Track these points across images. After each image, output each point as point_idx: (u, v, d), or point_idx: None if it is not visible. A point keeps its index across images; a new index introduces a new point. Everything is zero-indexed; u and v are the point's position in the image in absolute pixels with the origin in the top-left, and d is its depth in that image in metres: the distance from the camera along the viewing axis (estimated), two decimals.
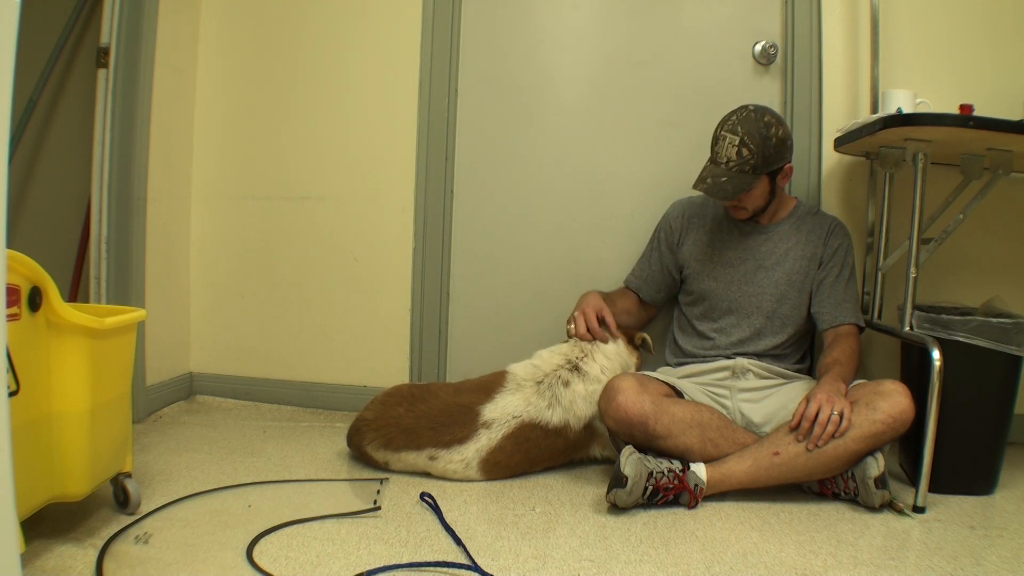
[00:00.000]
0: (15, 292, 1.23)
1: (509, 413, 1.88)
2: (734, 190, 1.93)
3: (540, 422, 1.89)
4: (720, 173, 1.94)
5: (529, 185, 2.52)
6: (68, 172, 2.74)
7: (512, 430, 1.87)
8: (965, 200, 2.03)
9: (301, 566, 1.36)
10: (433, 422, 1.88)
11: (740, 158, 1.91)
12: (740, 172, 1.92)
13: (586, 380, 1.95)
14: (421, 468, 1.90)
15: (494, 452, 1.86)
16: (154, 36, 2.35)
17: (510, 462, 1.88)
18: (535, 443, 1.89)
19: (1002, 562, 1.47)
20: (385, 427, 1.90)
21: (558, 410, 1.91)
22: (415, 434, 1.87)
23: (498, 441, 1.86)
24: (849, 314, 2.03)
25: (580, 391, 1.93)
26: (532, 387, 1.93)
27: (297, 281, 2.64)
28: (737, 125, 1.93)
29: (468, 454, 1.86)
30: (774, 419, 1.88)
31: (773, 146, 1.92)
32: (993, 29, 2.31)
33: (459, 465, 1.86)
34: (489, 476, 1.88)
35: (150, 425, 2.32)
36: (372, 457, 1.93)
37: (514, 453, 1.88)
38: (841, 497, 1.78)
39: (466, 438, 1.86)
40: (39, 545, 1.38)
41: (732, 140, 1.92)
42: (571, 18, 2.54)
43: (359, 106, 2.59)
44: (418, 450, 1.87)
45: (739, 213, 2.07)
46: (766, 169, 1.94)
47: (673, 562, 1.43)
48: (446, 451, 1.86)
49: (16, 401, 1.21)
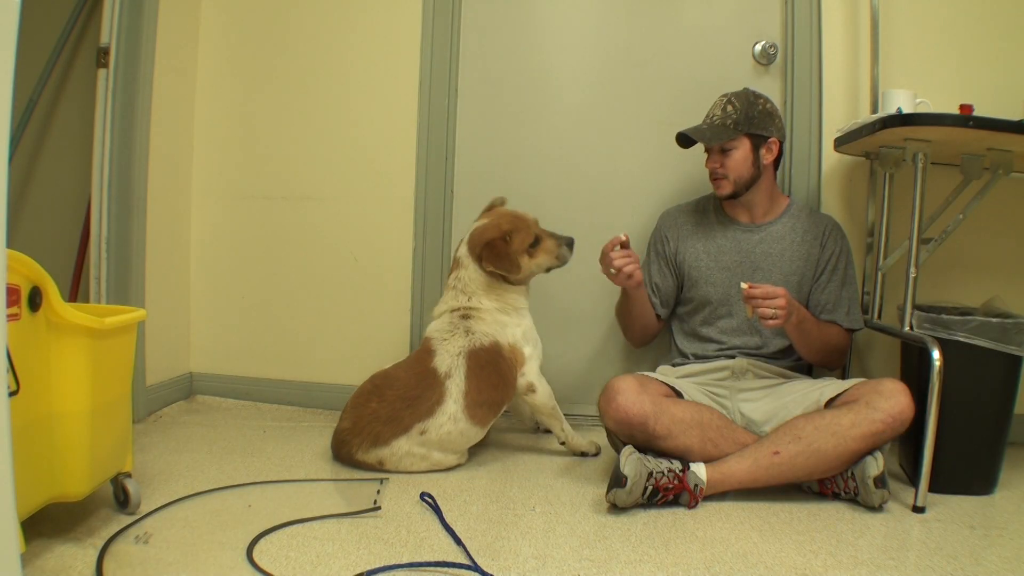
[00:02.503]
0: (15, 292, 1.23)
1: (454, 354, 1.97)
2: (713, 136, 2.02)
3: (476, 347, 1.99)
4: (704, 126, 2.06)
5: (529, 184, 2.52)
6: (68, 172, 2.74)
7: (467, 368, 1.96)
8: (965, 200, 2.03)
9: (301, 566, 1.36)
10: (407, 400, 1.92)
11: (724, 113, 2.04)
12: (723, 126, 2.03)
13: (474, 313, 2.05)
14: (417, 453, 1.91)
15: (468, 394, 1.93)
16: (154, 36, 2.35)
17: (482, 397, 1.95)
18: (487, 368, 1.98)
19: (1002, 562, 1.47)
20: (366, 427, 1.92)
21: (477, 333, 2.01)
22: (397, 419, 1.90)
23: (464, 383, 1.94)
24: (842, 316, 2.05)
25: (475, 320, 2.04)
26: (450, 332, 2.02)
27: (297, 281, 2.65)
28: (729, 95, 2.07)
29: (451, 408, 1.92)
30: (774, 418, 1.88)
31: (758, 111, 2.04)
32: (993, 29, 2.31)
33: (449, 423, 1.91)
34: (475, 418, 1.94)
35: (150, 425, 2.32)
36: (365, 462, 1.92)
37: (481, 386, 1.96)
38: (841, 497, 1.78)
39: (442, 396, 1.92)
40: (39, 545, 1.38)
41: (720, 101, 2.07)
42: (571, 18, 2.54)
43: (359, 106, 2.59)
44: (406, 432, 1.90)
45: (722, 186, 2.07)
46: (748, 128, 2.01)
47: (673, 562, 1.43)
48: (432, 419, 1.90)
49: (16, 401, 1.21)
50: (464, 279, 2.08)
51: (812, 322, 2.00)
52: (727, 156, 2.03)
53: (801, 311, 1.94)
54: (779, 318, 1.81)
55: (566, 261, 2.11)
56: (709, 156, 2.08)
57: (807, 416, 1.78)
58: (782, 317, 1.82)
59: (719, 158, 2.04)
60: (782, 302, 1.81)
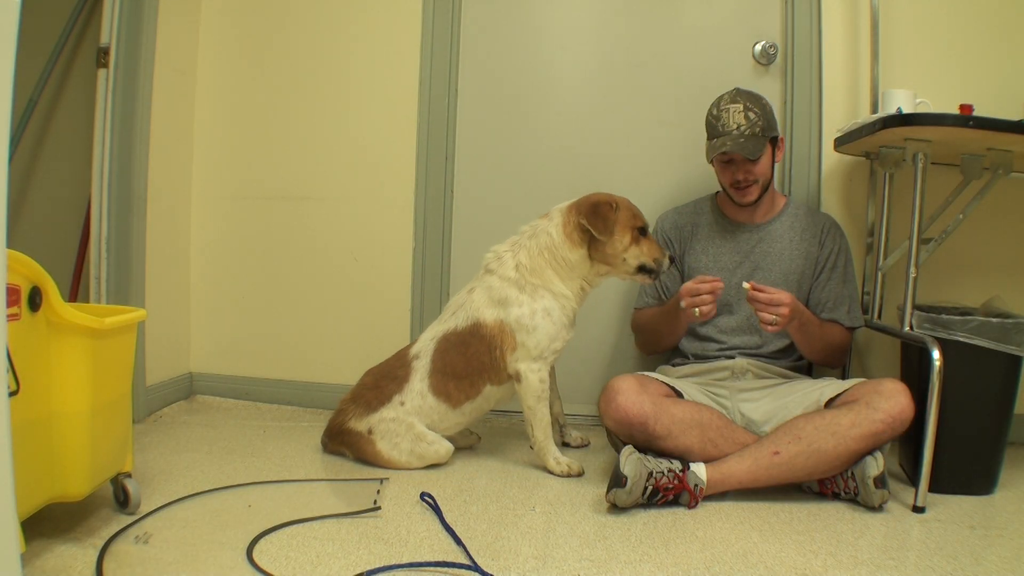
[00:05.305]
0: (15, 292, 1.23)
1: (427, 339, 2.04)
2: (754, 148, 1.96)
3: (449, 331, 2.00)
4: (735, 137, 1.97)
5: (530, 185, 2.52)
6: (68, 172, 2.74)
7: (436, 349, 2.00)
8: (965, 200, 2.03)
9: (301, 566, 1.36)
10: (387, 376, 2.03)
11: (749, 121, 1.97)
12: (752, 135, 1.97)
13: (495, 270, 2.00)
14: (403, 424, 1.95)
15: (434, 373, 1.98)
16: (154, 36, 2.35)
17: (450, 370, 1.97)
18: (452, 351, 1.98)
19: (1002, 562, 1.47)
20: (360, 396, 2.03)
21: (460, 314, 2.00)
22: (380, 388, 2.01)
23: (431, 362, 1.99)
24: (843, 315, 2.05)
25: (478, 291, 2.01)
26: (451, 312, 2.05)
27: (297, 281, 2.64)
28: (736, 96, 2.01)
29: (417, 384, 1.98)
30: (774, 418, 1.88)
31: (770, 111, 2.04)
32: (993, 29, 2.31)
33: (418, 397, 1.97)
34: (440, 395, 1.97)
35: (150, 425, 2.32)
36: (355, 430, 1.99)
37: (446, 364, 1.97)
38: (841, 497, 1.78)
39: (408, 372, 2.00)
40: (39, 545, 1.38)
41: (736, 108, 1.98)
42: (571, 18, 2.54)
43: (359, 106, 2.59)
44: (388, 402, 1.98)
45: (750, 193, 2.04)
46: (771, 133, 2.01)
47: (673, 562, 1.43)
48: (407, 385, 1.98)
49: (16, 401, 1.21)
50: (541, 227, 1.98)
51: (815, 323, 2.00)
52: (755, 163, 1.99)
53: (805, 314, 1.94)
54: (779, 324, 1.82)
55: (659, 271, 1.97)
56: (733, 167, 2.02)
57: (807, 416, 1.78)
58: (783, 323, 1.82)
59: (748, 167, 2.00)
60: (785, 310, 1.81)
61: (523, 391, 1.96)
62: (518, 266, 1.97)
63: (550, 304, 1.95)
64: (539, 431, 1.96)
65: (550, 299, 1.95)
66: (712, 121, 2.02)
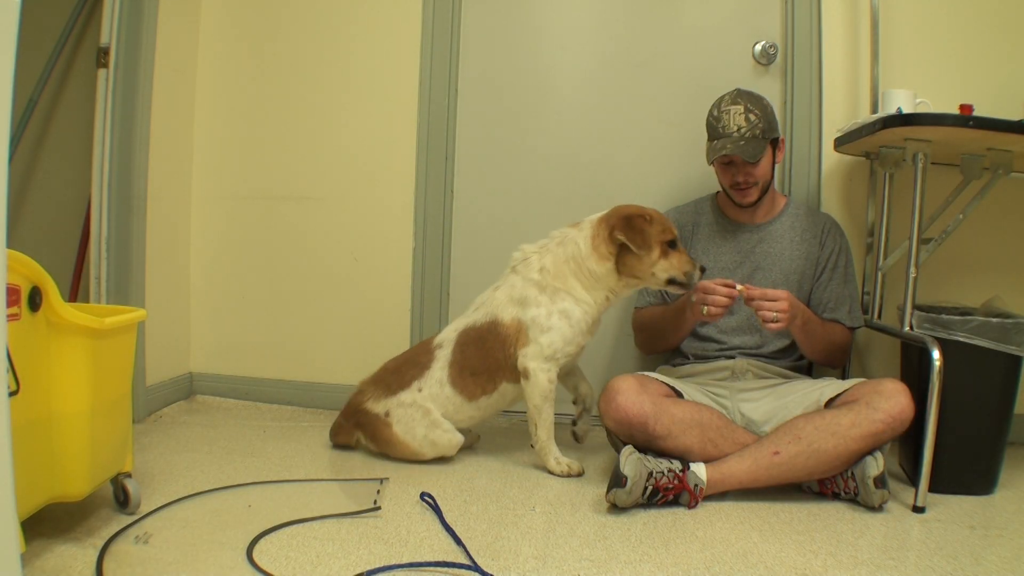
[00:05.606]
0: (15, 292, 1.23)
1: (451, 330, 2.08)
2: (755, 151, 1.96)
3: (470, 326, 2.03)
4: (736, 139, 1.97)
5: (529, 185, 2.52)
6: (68, 172, 2.74)
7: (456, 341, 2.03)
8: (965, 200, 2.03)
9: (301, 566, 1.36)
10: (410, 362, 2.08)
11: (749, 123, 1.97)
12: (753, 137, 1.97)
13: (520, 270, 2.01)
14: (419, 409, 1.99)
15: (453, 364, 2.01)
16: (154, 36, 2.35)
17: (468, 363, 2.00)
18: (471, 345, 2.00)
19: (1002, 562, 1.47)
20: (381, 378, 2.08)
21: (482, 311, 2.03)
22: (401, 373, 2.06)
23: (451, 353, 2.02)
24: (844, 314, 2.06)
25: (503, 288, 2.02)
26: (474, 308, 2.07)
27: (297, 281, 2.65)
28: (737, 97, 2.01)
29: (437, 373, 2.01)
30: (774, 418, 1.88)
31: (771, 112, 2.03)
32: (993, 29, 2.31)
33: (436, 385, 2.01)
34: (457, 387, 2.00)
35: (150, 425, 2.32)
36: (372, 412, 2.03)
37: (465, 357, 2.00)
38: (841, 497, 1.78)
39: (431, 359, 2.04)
40: (39, 545, 1.38)
41: (737, 110, 1.98)
42: (571, 18, 2.54)
43: (359, 106, 2.59)
44: (407, 387, 2.02)
45: (751, 194, 2.05)
46: (771, 135, 2.01)
47: (673, 562, 1.43)
48: (427, 373, 2.02)
49: (16, 401, 1.21)
50: (570, 236, 1.96)
51: (817, 323, 2.00)
52: (755, 166, 1.99)
53: (806, 312, 1.94)
54: (781, 321, 1.81)
55: (691, 284, 1.91)
56: (733, 168, 2.02)
57: (807, 416, 1.78)
58: (784, 320, 1.81)
59: (748, 169, 2.00)
60: (784, 305, 1.81)
61: (530, 389, 1.95)
62: (542, 269, 1.97)
63: (570, 307, 1.94)
64: (543, 431, 1.96)
65: (571, 302, 1.94)
66: (713, 122, 2.02)
